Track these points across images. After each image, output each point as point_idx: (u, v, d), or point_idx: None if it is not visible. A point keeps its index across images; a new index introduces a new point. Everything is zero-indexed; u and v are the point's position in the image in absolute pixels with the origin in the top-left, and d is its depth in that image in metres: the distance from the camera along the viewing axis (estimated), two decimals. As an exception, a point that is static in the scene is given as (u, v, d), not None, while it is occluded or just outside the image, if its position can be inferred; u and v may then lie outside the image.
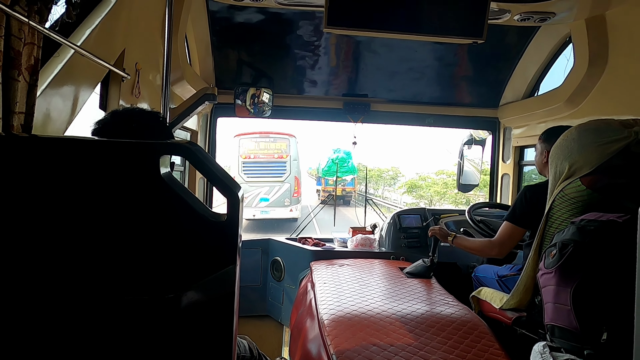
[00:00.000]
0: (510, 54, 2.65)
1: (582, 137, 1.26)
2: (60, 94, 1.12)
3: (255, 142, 11.73)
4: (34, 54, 0.86)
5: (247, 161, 11.52)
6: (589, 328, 0.97)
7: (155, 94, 1.77)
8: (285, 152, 11.80)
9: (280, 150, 11.80)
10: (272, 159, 11.69)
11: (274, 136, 11.85)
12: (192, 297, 0.63)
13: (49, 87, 1.05)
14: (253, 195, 11.26)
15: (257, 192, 11.30)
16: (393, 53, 2.60)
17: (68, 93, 1.17)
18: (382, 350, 1.21)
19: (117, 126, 0.92)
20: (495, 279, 1.82)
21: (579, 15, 1.97)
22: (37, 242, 0.62)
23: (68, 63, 1.11)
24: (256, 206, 11.24)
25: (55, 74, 1.07)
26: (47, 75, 1.05)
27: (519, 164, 2.87)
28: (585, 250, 1.02)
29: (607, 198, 1.19)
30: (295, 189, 11.51)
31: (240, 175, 11.32)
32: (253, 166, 11.49)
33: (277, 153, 11.76)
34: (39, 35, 0.87)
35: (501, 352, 1.23)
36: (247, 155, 11.54)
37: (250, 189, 11.19)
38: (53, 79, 1.06)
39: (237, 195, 0.65)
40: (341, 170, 16.42)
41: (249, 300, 2.59)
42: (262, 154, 11.71)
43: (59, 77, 1.08)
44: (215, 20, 2.39)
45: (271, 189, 11.37)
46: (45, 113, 1.06)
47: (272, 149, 11.81)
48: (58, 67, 1.08)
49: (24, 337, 0.61)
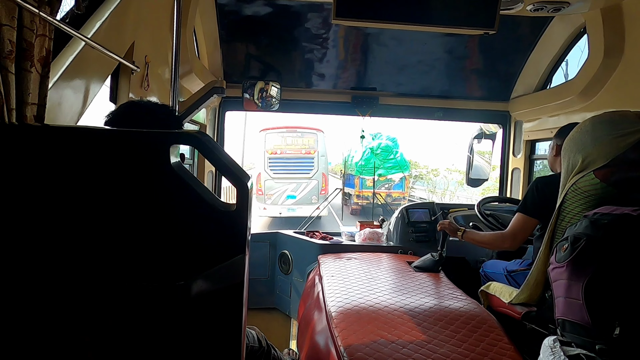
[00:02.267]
0: (522, 46, 2.60)
1: (596, 130, 1.23)
2: (71, 86, 1.13)
3: (282, 137, 11.24)
4: (45, 46, 0.87)
5: (274, 157, 11.05)
6: (601, 323, 0.96)
7: (164, 87, 1.78)
8: (312, 148, 11.25)
9: (308, 146, 11.27)
10: (300, 154, 11.17)
11: (302, 131, 11.33)
12: (202, 285, 0.64)
13: (61, 79, 1.06)
14: (279, 192, 10.86)
15: (283, 188, 10.87)
16: (402, 46, 2.57)
17: (79, 85, 1.18)
18: (389, 343, 1.21)
19: (129, 117, 0.94)
20: (504, 274, 1.80)
21: (595, 5, 1.92)
22: (50, 230, 0.63)
23: (79, 55, 1.12)
24: (282, 204, 10.89)
25: (66, 66, 1.08)
26: (58, 67, 1.06)
27: (529, 158, 2.82)
28: (598, 244, 1.00)
29: (621, 192, 1.17)
30: (322, 186, 10.99)
31: (266, 171, 10.94)
32: (280, 162, 11.02)
33: (304, 149, 11.24)
34: (50, 27, 0.87)
35: (510, 346, 1.22)
36: (274, 151, 11.08)
37: (277, 186, 10.83)
38: (64, 71, 1.07)
39: (247, 186, 0.65)
40: (385, 164, 11.77)
41: (257, 293, 2.62)
42: (289, 149, 11.19)
43: (70, 69, 1.09)
44: (224, 14, 2.39)
45: (298, 185, 10.90)
46: (57, 104, 1.07)
47: (299, 144, 11.27)
48: (69, 59, 1.10)
49: (38, 320, 0.62)
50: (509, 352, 1.18)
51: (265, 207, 10.95)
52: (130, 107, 1.00)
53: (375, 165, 11.30)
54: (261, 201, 11.01)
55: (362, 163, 12.00)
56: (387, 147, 11.97)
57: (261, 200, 11.01)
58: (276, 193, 10.84)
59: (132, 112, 0.96)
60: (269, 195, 10.91)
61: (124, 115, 0.96)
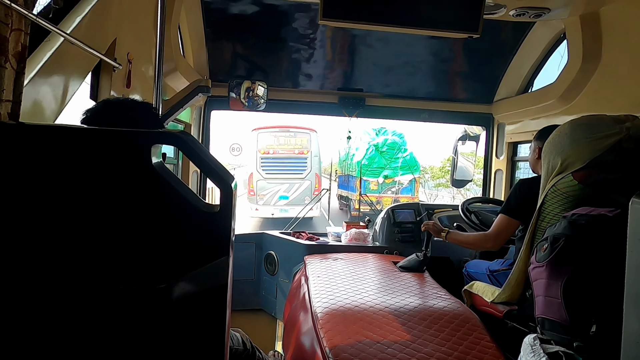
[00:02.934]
0: (504, 50, 2.66)
1: (575, 133, 1.26)
2: (49, 83, 1.10)
3: (274, 137, 11.05)
4: (21, 41, 0.84)
5: (266, 157, 10.89)
6: (579, 320, 0.99)
7: (148, 85, 1.75)
8: (306, 148, 11.07)
9: (301, 146, 11.09)
10: (293, 154, 11.01)
11: (295, 130, 11.11)
12: (185, 287, 0.63)
13: (38, 76, 1.03)
14: (272, 193, 10.70)
15: (276, 189, 10.73)
16: (388, 47, 2.59)
17: (57, 82, 1.14)
18: (375, 342, 1.22)
19: (108, 115, 0.91)
20: (487, 273, 1.84)
21: (574, 11, 1.97)
22: (26, 231, 0.60)
23: (57, 51, 1.09)
24: (275, 204, 10.74)
25: (43, 62, 1.04)
26: (35, 63, 1.03)
27: (512, 159, 2.89)
28: (576, 244, 1.03)
29: (599, 193, 1.20)
30: (316, 187, 10.81)
31: (259, 171, 10.78)
32: (272, 162, 10.87)
33: (297, 149, 11.06)
34: (27, 21, 0.84)
35: (492, 345, 1.24)
36: (266, 151, 10.92)
37: (269, 186, 10.67)
38: (42, 67, 1.04)
39: (231, 186, 0.64)
40: (392, 164, 10.01)
41: (242, 294, 2.59)
42: (281, 149, 11.02)
43: (47, 65, 1.06)
44: (210, 12, 2.36)
45: (291, 186, 10.75)
46: (34, 102, 1.04)
47: (292, 144, 11.10)
48: (47, 55, 1.06)
49: (13, 327, 0.60)
50: (490, 351, 1.21)
51: (257, 208, 10.78)
52: (111, 105, 0.97)
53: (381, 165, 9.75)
54: (253, 202, 10.82)
55: (365, 162, 10.42)
56: (394, 144, 10.30)
57: (253, 201, 10.82)
58: (268, 194, 10.67)
59: (110, 110, 0.93)
60: (261, 195, 10.76)
61: (104, 114, 0.92)
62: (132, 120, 0.89)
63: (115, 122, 0.87)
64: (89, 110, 0.94)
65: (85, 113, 0.93)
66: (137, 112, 0.94)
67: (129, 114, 0.91)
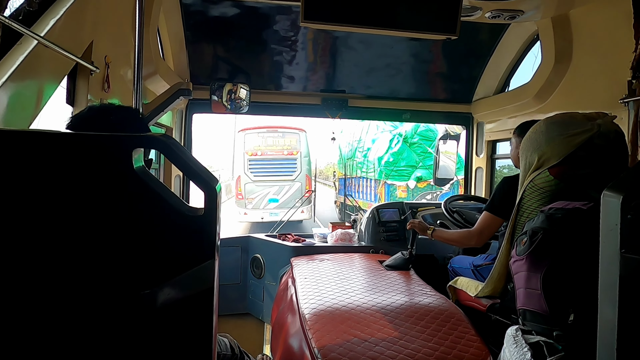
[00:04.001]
0: (482, 51, 2.74)
1: (550, 130, 1.31)
2: (22, 87, 1.06)
3: (262, 138, 10.58)
4: (-8, 44, 0.81)
5: (254, 158, 10.41)
6: (557, 310, 1.02)
7: (127, 89, 1.71)
8: (295, 149, 10.67)
9: (290, 147, 10.68)
10: (282, 155, 10.58)
11: (283, 131, 10.69)
12: (169, 293, 0.62)
13: (10, 80, 0.99)
14: (261, 196, 10.23)
15: (265, 192, 10.27)
16: (370, 49, 2.62)
17: (31, 86, 1.11)
18: (363, 341, 1.23)
19: (93, 121, 0.90)
20: (471, 268, 1.88)
21: (545, 13, 2.05)
22: (4, 240, 0.58)
23: (31, 54, 1.05)
24: (264, 208, 10.31)
25: (16, 65, 1.01)
26: (7, 67, 0.99)
27: (491, 157, 2.97)
28: (553, 236, 1.07)
29: (573, 187, 1.25)
30: (307, 188, 10.36)
31: (247, 174, 10.30)
32: (260, 164, 10.42)
33: (286, 149, 10.65)
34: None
35: (477, 338, 1.27)
36: (254, 152, 10.45)
37: (258, 189, 10.23)
38: (14, 71, 1.01)
39: (215, 189, 0.64)
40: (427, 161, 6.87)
41: (229, 298, 2.56)
42: (270, 150, 10.58)
43: (20, 69, 1.02)
44: (189, 14, 2.33)
45: (281, 188, 10.32)
46: (7, 107, 1.00)
47: (280, 144, 10.69)
48: (19, 58, 1.03)
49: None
50: (475, 344, 1.23)
51: (246, 212, 10.23)
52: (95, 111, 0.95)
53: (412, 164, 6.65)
54: (241, 206, 10.28)
55: (389, 159, 7.45)
56: (428, 134, 7.03)
57: (241, 205, 10.27)
58: (257, 197, 10.25)
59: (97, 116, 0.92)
60: (249, 199, 10.24)
61: (88, 119, 0.91)
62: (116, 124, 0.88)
63: (100, 127, 0.86)
64: (75, 116, 0.93)
65: (70, 119, 0.92)
66: (121, 117, 0.93)
67: (110, 119, 0.90)
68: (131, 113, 0.98)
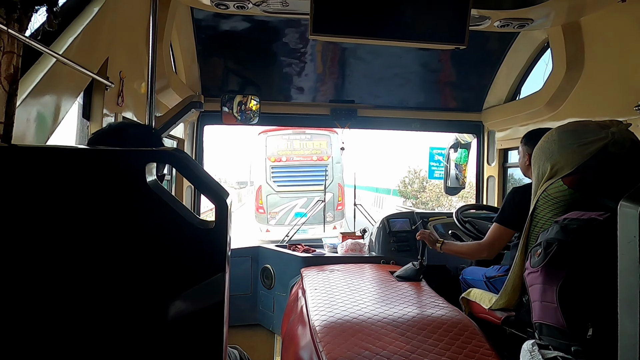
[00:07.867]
0: (491, 60, 2.73)
1: (562, 139, 1.29)
2: (41, 104, 1.10)
3: (287, 141, 8.77)
4: (13, 63, 0.84)
5: (278, 165, 8.65)
6: (575, 325, 0.99)
7: (140, 103, 1.75)
8: (325, 153, 8.81)
9: (320, 151, 8.82)
10: (310, 161, 8.78)
11: (311, 132, 8.77)
12: (180, 306, 0.62)
13: (30, 97, 1.03)
14: (286, 210, 8.47)
15: (291, 205, 8.49)
16: (379, 59, 2.64)
17: (49, 102, 1.15)
18: (374, 355, 1.21)
19: (110, 136, 0.96)
20: (483, 280, 1.84)
21: (556, 21, 2.04)
22: (20, 254, 0.60)
23: (50, 72, 1.09)
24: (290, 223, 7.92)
25: (36, 83, 1.05)
26: (27, 85, 1.03)
27: (503, 166, 2.93)
28: (569, 248, 1.04)
29: (588, 197, 1.22)
30: (339, 199, 8.70)
31: (269, 183, 8.55)
32: (285, 171, 8.65)
33: (315, 154, 8.81)
34: (19, 43, 0.85)
35: (491, 352, 1.24)
36: (278, 158, 8.69)
37: (283, 202, 8.48)
38: (34, 88, 1.04)
39: (226, 202, 0.65)
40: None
41: (239, 309, 2.56)
42: (296, 155, 8.78)
43: (40, 86, 1.06)
44: (201, 29, 2.39)
45: (310, 200, 8.05)
46: (26, 123, 1.04)
47: (309, 148, 8.85)
48: (39, 76, 1.07)
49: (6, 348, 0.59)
50: (490, 358, 1.20)
51: (268, 229, 8.38)
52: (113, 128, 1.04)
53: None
54: (263, 222, 8.51)
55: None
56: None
57: (263, 220, 8.51)
58: (282, 211, 8.51)
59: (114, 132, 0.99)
60: (272, 213, 8.49)
61: (107, 135, 0.98)
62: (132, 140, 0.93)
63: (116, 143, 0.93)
64: (96, 132, 1.02)
65: (92, 135, 1.01)
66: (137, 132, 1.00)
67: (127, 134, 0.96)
68: (146, 129, 1.03)
